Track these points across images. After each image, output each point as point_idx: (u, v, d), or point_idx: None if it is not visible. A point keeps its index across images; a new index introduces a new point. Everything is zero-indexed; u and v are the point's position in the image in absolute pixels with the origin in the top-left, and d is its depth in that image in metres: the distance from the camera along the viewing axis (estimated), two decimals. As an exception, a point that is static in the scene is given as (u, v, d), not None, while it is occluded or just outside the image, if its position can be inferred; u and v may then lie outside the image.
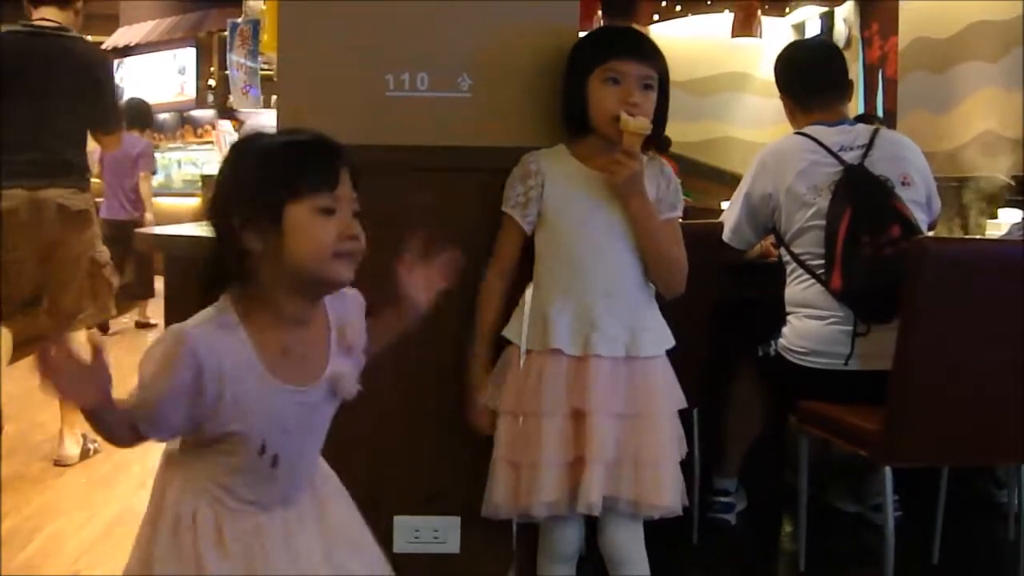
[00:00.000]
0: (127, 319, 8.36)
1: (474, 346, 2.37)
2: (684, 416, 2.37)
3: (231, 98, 6.43)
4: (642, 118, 2.21)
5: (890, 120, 6.60)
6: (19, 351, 5.95)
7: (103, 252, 4.46)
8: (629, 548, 2.32)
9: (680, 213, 2.38)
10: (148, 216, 7.56)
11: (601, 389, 2.23)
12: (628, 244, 2.29)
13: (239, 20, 5.49)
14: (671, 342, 2.33)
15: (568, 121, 2.35)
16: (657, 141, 2.34)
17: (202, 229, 1.81)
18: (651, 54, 2.30)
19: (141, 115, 7.45)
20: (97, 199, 5.21)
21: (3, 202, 4.10)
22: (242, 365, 1.67)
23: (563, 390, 2.24)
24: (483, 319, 2.36)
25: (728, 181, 6.15)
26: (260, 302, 1.69)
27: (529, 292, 2.36)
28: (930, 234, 3.30)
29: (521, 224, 2.33)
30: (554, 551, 2.36)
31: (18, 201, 4.12)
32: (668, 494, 2.25)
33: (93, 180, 4.56)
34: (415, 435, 2.46)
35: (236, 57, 5.38)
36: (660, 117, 2.31)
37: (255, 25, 5.34)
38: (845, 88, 3.32)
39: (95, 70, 4.40)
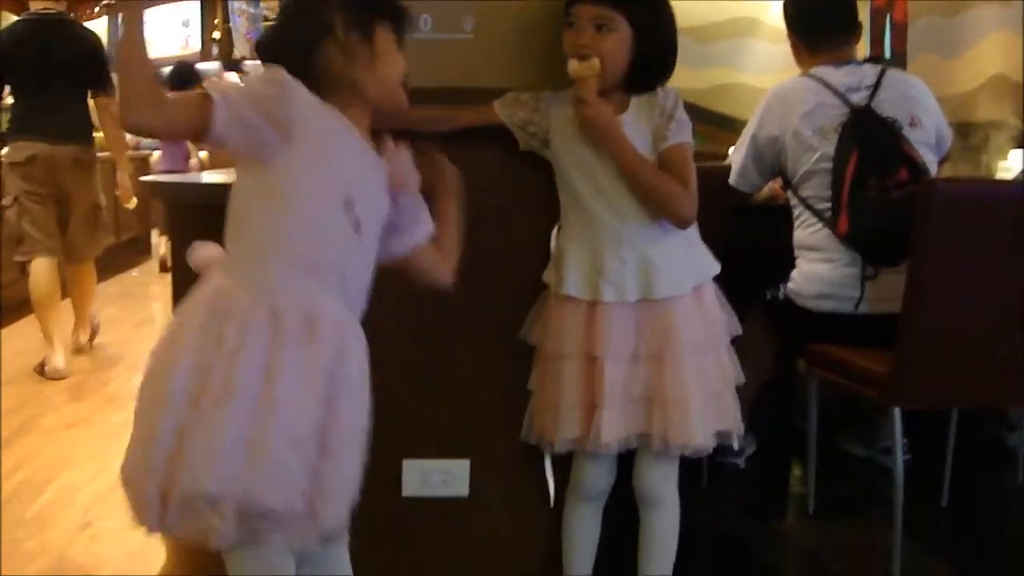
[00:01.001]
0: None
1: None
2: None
3: (235, 48, 6.43)
4: (584, 61, 2.16)
5: (899, 64, 6.54)
6: (26, 309, 5.97)
7: (101, 197, 5.42)
8: (661, 488, 2.33)
9: (678, 140, 2.26)
10: (192, 162, 8.03)
11: (611, 335, 2.22)
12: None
13: (241, -32, 5.45)
14: (702, 276, 2.31)
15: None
16: (649, 75, 2.28)
17: (211, 177, 1.81)
18: None
19: (184, 76, 7.60)
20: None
21: (25, 153, 5.01)
22: (328, 113, 1.71)
23: (578, 335, 2.24)
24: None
25: (736, 128, 6.10)
26: None
27: (554, 236, 2.35)
28: (944, 167, 3.27)
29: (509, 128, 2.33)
30: (581, 488, 2.38)
31: (38, 151, 5.00)
32: (697, 432, 2.23)
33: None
34: (424, 378, 2.46)
35: (238, 4, 5.35)
36: (646, 53, 2.24)
37: (257, -28, 5.31)
38: (854, 29, 3.28)
39: (86, 46, 5.24)
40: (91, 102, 5.32)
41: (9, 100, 5.34)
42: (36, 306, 5.17)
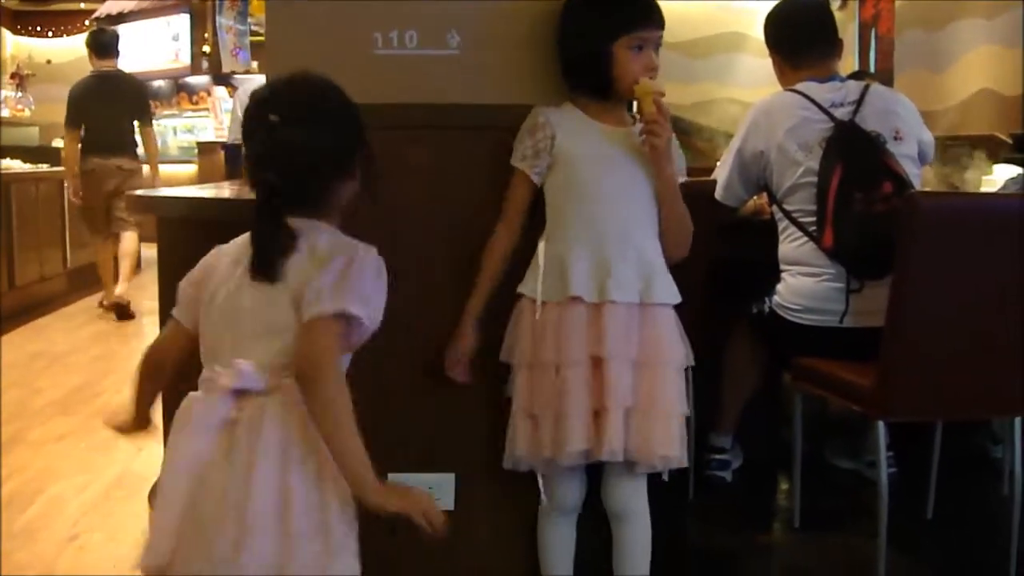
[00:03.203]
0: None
1: (471, 299, 2.37)
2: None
3: (223, 64, 6.50)
4: (653, 81, 2.25)
5: (887, 78, 6.58)
6: (16, 320, 5.97)
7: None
8: (633, 502, 2.35)
9: (682, 175, 2.39)
10: None
11: (617, 335, 2.23)
12: (640, 195, 2.30)
13: (229, -17, 5.47)
14: (678, 297, 2.33)
15: (583, 82, 2.34)
16: None
17: (200, 191, 1.84)
18: (662, 16, 2.32)
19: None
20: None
21: (93, 165, 7.12)
22: None
23: (582, 338, 2.24)
24: (484, 271, 2.36)
25: (724, 142, 6.13)
26: None
27: (542, 246, 2.35)
28: (926, 172, 3.30)
29: (530, 175, 2.33)
30: (558, 503, 2.39)
31: (98, 165, 7.12)
32: (676, 444, 2.26)
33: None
34: (410, 392, 2.46)
35: (225, 20, 5.38)
36: None
37: (245, -12, 5.34)
38: (835, 45, 3.31)
39: (134, 92, 7.49)
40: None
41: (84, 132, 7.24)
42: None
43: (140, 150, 7.39)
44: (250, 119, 1.82)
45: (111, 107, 7.16)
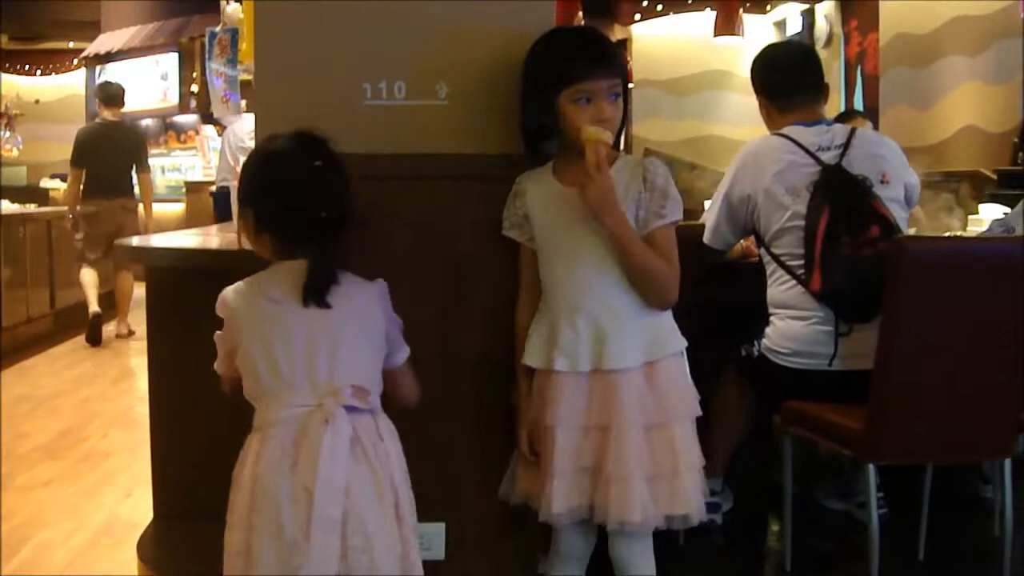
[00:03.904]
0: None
1: (517, 379, 2.39)
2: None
3: (213, 108, 6.53)
4: (600, 129, 2.19)
5: (872, 116, 6.63)
6: (5, 361, 5.94)
7: (136, 231, 7.84)
8: (635, 559, 2.33)
9: (672, 219, 2.29)
10: None
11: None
12: (599, 258, 2.25)
13: (217, 29, 5.47)
14: (658, 351, 2.28)
15: (537, 139, 2.34)
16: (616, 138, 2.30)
17: (187, 237, 1.90)
18: (615, 61, 2.28)
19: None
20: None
21: (94, 206, 7.86)
22: None
23: (579, 405, 2.25)
24: (518, 346, 2.37)
25: (711, 180, 6.17)
26: None
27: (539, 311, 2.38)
28: (916, 213, 3.31)
29: (522, 242, 2.35)
30: (561, 551, 2.40)
31: (102, 206, 7.89)
32: (635, 510, 2.20)
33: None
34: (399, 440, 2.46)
35: (216, 65, 5.38)
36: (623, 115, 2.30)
37: (234, 34, 5.35)
38: (821, 89, 3.33)
39: (135, 140, 8.29)
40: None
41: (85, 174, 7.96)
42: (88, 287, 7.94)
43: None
44: (289, 169, 2.03)
45: (114, 153, 7.93)
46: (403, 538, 2.00)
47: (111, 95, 8.20)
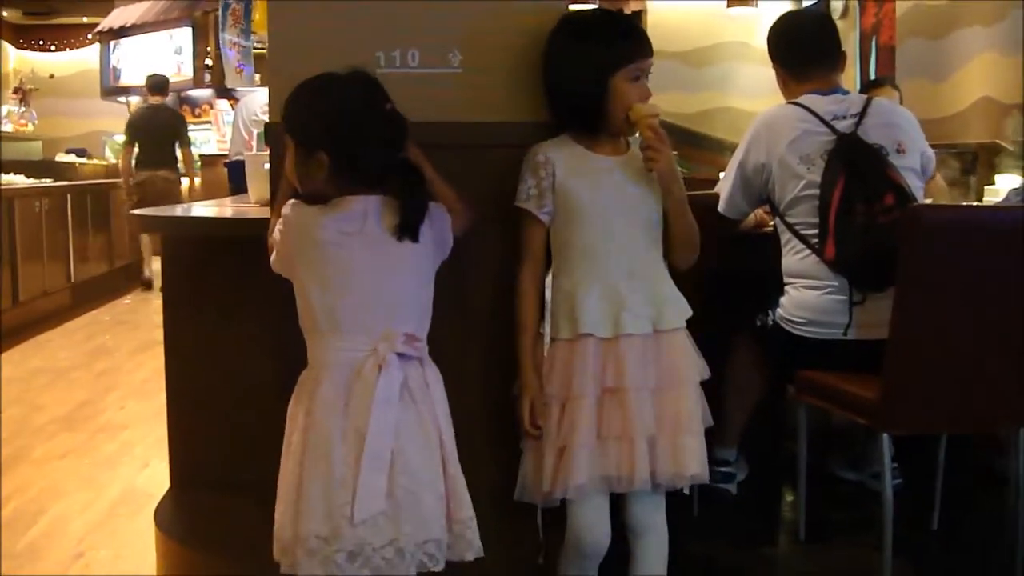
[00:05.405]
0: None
1: (521, 347, 2.37)
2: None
3: (227, 79, 6.51)
4: (651, 105, 2.29)
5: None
6: (19, 336, 5.97)
7: (178, 199, 9.20)
8: (655, 517, 2.36)
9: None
10: None
11: (635, 366, 2.26)
12: (643, 221, 2.33)
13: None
14: (689, 312, 2.37)
15: (576, 117, 2.35)
16: None
17: (201, 210, 1.87)
18: (651, 43, 2.36)
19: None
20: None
21: (143, 176, 9.31)
22: None
23: (596, 372, 2.26)
24: (523, 320, 2.37)
25: (727, 152, 6.14)
26: None
27: (549, 282, 2.38)
28: (924, 187, 3.29)
29: (538, 216, 2.34)
30: (582, 542, 2.35)
31: (147, 176, 9.30)
32: (697, 462, 2.30)
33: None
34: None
35: (229, 36, 5.39)
36: None
37: (247, 4, 5.34)
38: (837, 58, 3.30)
39: (176, 120, 9.75)
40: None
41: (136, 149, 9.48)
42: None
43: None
44: (360, 107, 2.06)
45: (159, 131, 9.47)
46: (448, 477, 2.06)
47: (156, 83, 9.71)
